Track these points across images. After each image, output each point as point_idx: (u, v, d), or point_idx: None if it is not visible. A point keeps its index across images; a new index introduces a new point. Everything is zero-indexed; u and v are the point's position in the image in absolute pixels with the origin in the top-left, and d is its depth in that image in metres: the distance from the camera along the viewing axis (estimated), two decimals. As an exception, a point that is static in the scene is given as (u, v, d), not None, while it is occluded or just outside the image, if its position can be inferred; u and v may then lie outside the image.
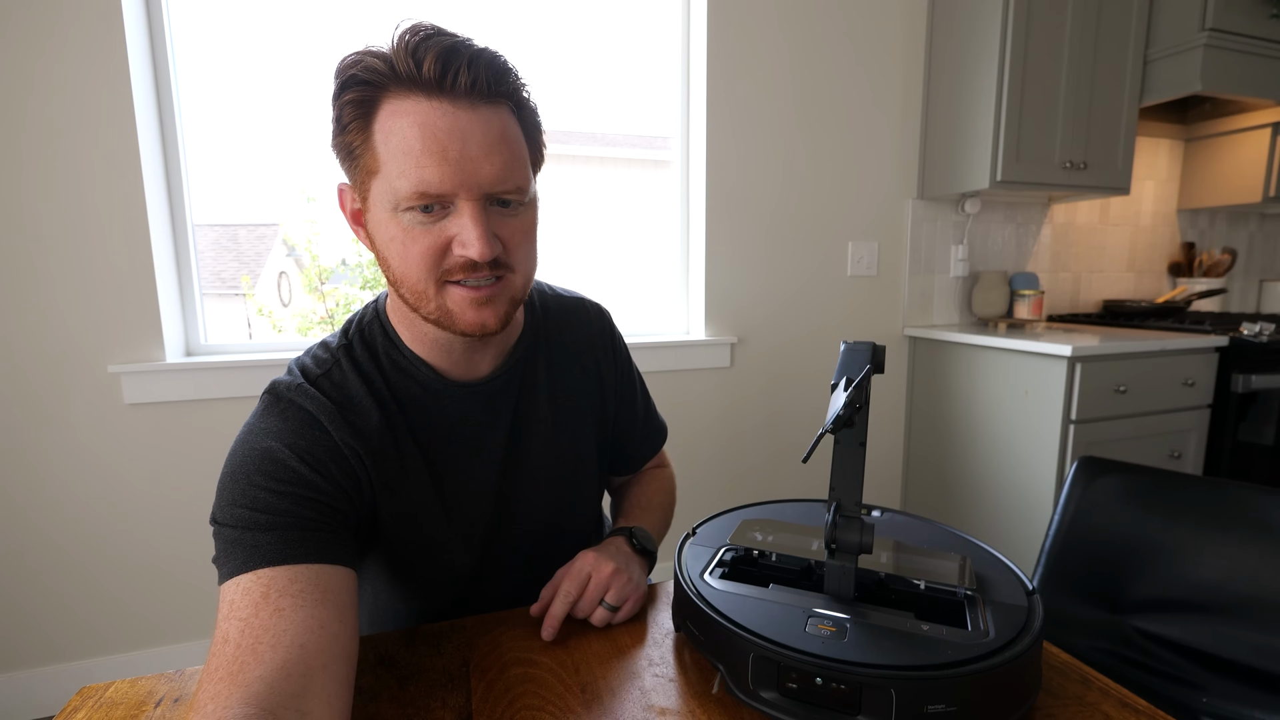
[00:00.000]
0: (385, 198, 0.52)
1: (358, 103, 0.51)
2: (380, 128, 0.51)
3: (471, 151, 0.50)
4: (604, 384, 0.75)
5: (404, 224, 0.52)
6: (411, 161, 0.50)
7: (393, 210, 0.52)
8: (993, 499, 1.81)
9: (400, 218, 0.52)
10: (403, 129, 0.50)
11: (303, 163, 2.22)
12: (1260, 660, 0.74)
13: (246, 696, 0.40)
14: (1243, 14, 1.79)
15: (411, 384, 0.61)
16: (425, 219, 0.52)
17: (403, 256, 0.53)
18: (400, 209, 0.52)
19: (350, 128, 0.52)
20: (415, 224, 0.52)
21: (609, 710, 0.49)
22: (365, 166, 0.52)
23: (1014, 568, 0.56)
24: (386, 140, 0.51)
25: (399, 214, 0.52)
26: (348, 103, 0.51)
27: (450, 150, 0.50)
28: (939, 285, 2.10)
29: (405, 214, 0.52)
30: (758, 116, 1.82)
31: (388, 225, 0.53)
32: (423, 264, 0.53)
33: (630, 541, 0.69)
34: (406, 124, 0.50)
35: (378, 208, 0.53)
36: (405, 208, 0.51)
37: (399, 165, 0.50)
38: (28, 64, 1.29)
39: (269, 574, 0.46)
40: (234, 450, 0.52)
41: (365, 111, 0.51)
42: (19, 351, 1.35)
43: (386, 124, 0.51)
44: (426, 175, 0.50)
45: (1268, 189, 2.16)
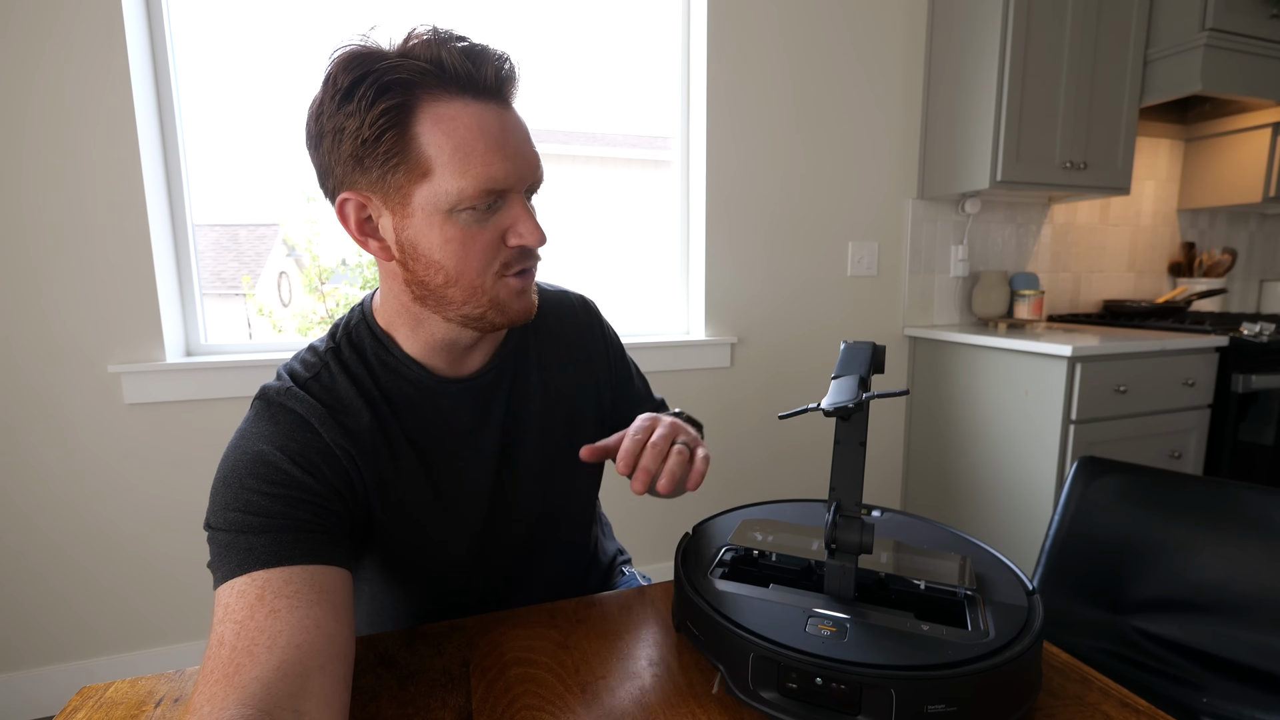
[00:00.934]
0: (438, 200, 0.52)
1: (395, 109, 0.50)
2: (425, 131, 0.51)
3: (520, 147, 0.55)
4: (596, 372, 0.75)
5: (462, 224, 0.53)
6: (476, 160, 0.52)
7: (447, 212, 0.53)
8: (993, 499, 1.81)
9: (456, 218, 0.53)
10: (459, 130, 0.51)
11: (303, 163, 2.23)
12: (1260, 660, 0.74)
13: (243, 698, 0.40)
14: (1243, 14, 1.79)
15: (402, 383, 0.61)
16: (483, 216, 0.54)
17: (461, 256, 0.54)
18: (459, 209, 0.53)
19: (386, 136, 0.50)
20: (472, 222, 0.54)
21: (609, 710, 0.49)
22: (408, 173, 0.52)
23: (1014, 568, 0.56)
24: (439, 143, 0.51)
25: (456, 214, 0.53)
26: (386, 110, 0.50)
27: (508, 146, 0.53)
28: (939, 285, 2.10)
29: (463, 214, 0.53)
30: (758, 116, 1.82)
31: (442, 228, 0.53)
32: (482, 259, 0.55)
33: (677, 414, 0.71)
34: (462, 125, 0.51)
35: (424, 212, 0.53)
36: (465, 206, 0.53)
37: (460, 165, 0.51)
38: (28, 64, 1.29)
39: (264, 576, 0.46)
40: (226, 456, 0.53)
41: (401, 117, 0.50)
42: (19, 351, 1.35)
43: (436, 127, 0.51)
44: (494, 171, 0.52)
45: (1268, 189, 2.16)
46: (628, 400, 0.79)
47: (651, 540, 1.87)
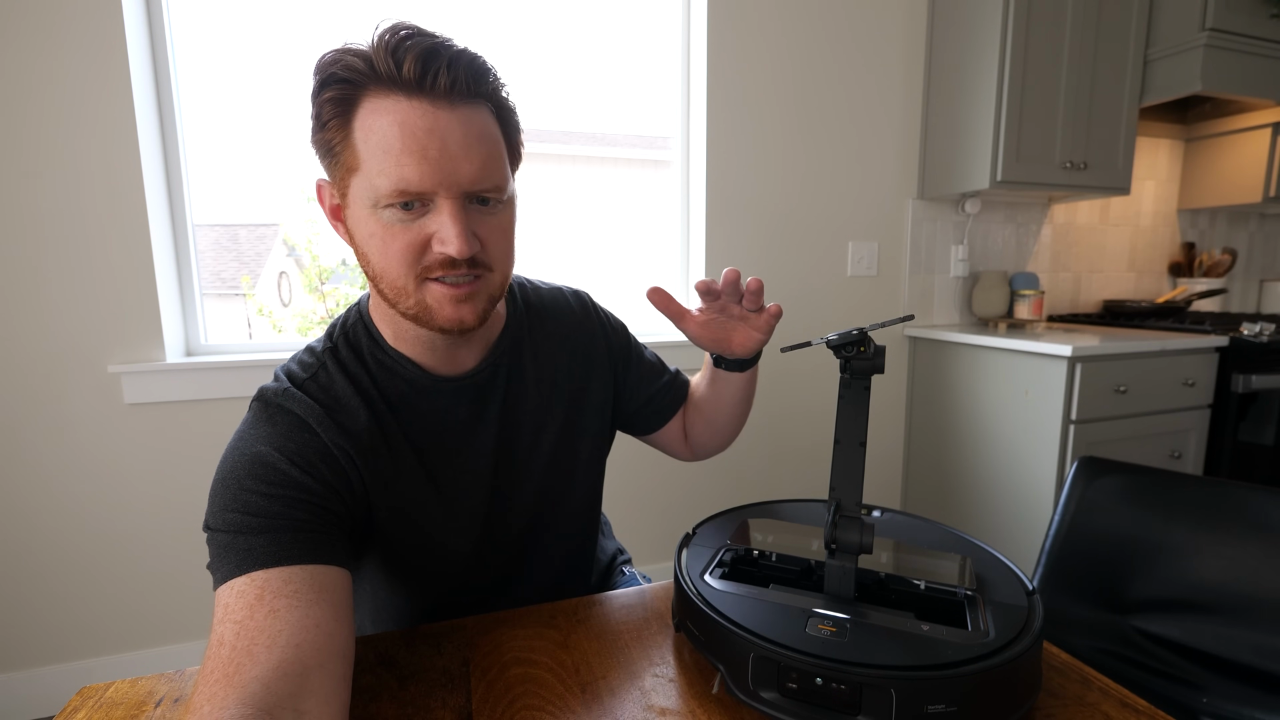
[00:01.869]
0: (365, 195, 0.52)
1: (337, 100, 0.51)
2: (360, 125, 0.51)
3: (451, 150, 0.51)
4: (596, 364, 0.75)
5: (384, 221, 0.53)
6: (391, 160, 0.50)
7: (372, 207, 0.52)
8: (993, 499, 1.81)
9: (380, 214, 0.52)
10: (383, 127, 0.50)
11: (303, 163, 2.22)
12: (1260, 660, 0.74)
13: (243, 697, 0.40)
14: (1243, 14, 1.79)
15: (398, 382, 0.61)
16: (405, 216, 0.52)
17: (382, 253, 0.54)
18: (380, 206, 0.52)
19: (329, 125, 0.52)
20: (395, 221, 0.52)
21: (609, 710, 0.49)
22: (345, 164, 0.53)
23: (1014, 568, 0.56)
24: (366, 138, 0.51)
25: (379, 211, 0.52)
26: (327, 100, 0.51)
27: (430, 149, 0.50)
28: (939, 285, 2.10)
29: (385, 211, 0.52)
30: (758, 116, 1.82)
31: (367, 222, 0.53)
32: (402, 260, 0.53)
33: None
34: (386, 123, 0.50)
35: (357, 204, 0.54)
36: (385, 205, 0.52)
37: (379, 163, 0.51)
38: (28, 64, 1.29)
39: (263, 576, 0.46)
40: (225, 457, 0.53)
41: (345, 109, 0.51)
42: (19, 351, 1.35)
43: (366, 122, 0.51)
44: (406, 173, 0.50)
45: (1268, 189, 2.16)
46: (640, 376, 0.79)
47: (651, 540, 1.87)
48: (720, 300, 0.66)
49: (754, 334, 0.69)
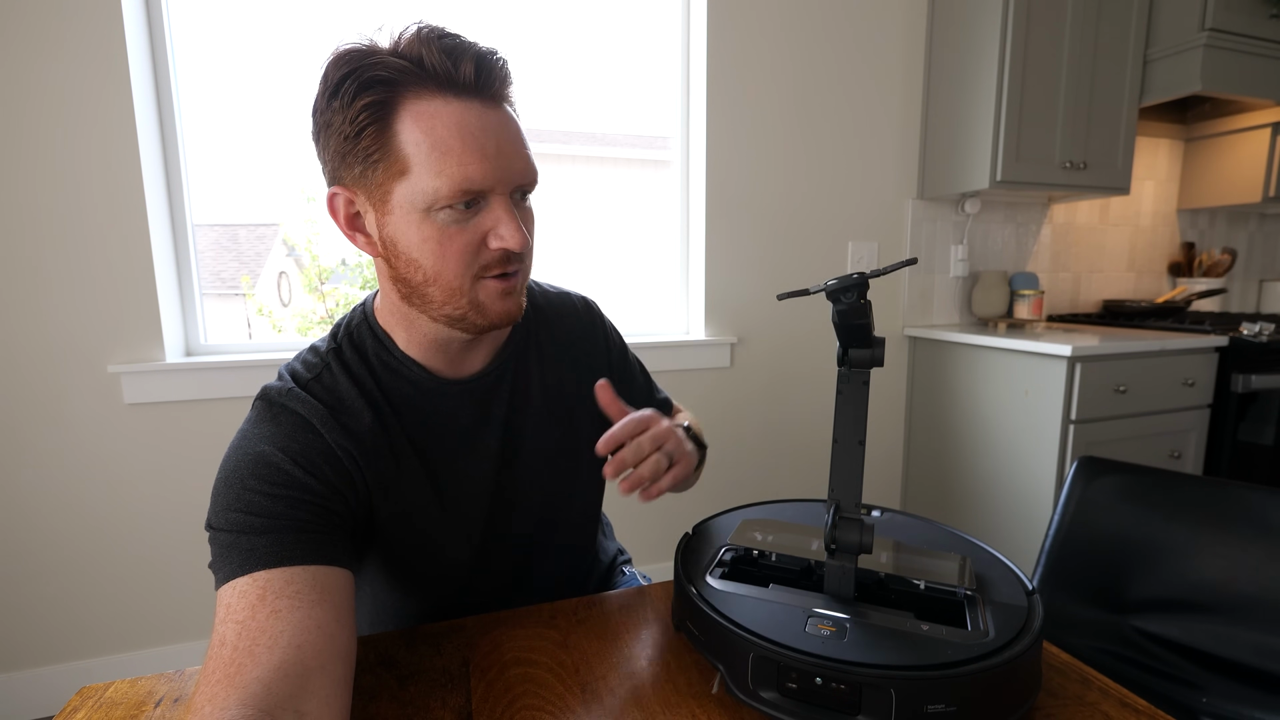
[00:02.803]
0: (415, 199, 0.52)
1: (375, 105, 0.50)
2: (405, 129, 0.51)
3: (504, 148, 0.53)
4: (597, 373, 0.75)
5: (439, 223, 0.53)
6: (453, 160, 0.51)
7: (425, 211, 0.52)
8: (993, 499, 1.81)
9: (435, 218, 0.52)
10: (437, 129, 0.50)
11: (303, 163, 2.22)
12: (1260, 660, 0.74)
13: (243, 698, 0.40)
14: (1243, 14, 1.79)
15: (403, 384, 0.61)
16: (462, 216, 0.53)
17: (439, 255, 0.54)
18: (436, 209, 0.52)
19: (367, 132, 0.51)
20: (451, 222, 0.53)
21: (609, 710, 0.49)
22: (385, 170, 0.52)
23: (1014, 568, 0.56)
24: (419, 141, 0.51)
25: (433, 214, 0.52)
26: (366, 106, 0.50)
27: (488, 147, 0.52)
28: (939, 285, 2.10)
29: (441, 213, 0.52)
30: (758, 116, 1.82)
31: (419, 227, 0.53)
32: (461, 260, 0.54)
33: (681, 429, 0.68)
34: (441, 124, 0.50)
35: (403, 210, 0.53)
36: (442, 206, 0.52)
37: (437, 164, 0.51)
38: (28, 64, 1.29)
39: (265, 576, 0.46)
40: (228, 456, 0.53)
41: (382, 114, 0.51)
42: (19, 351, 1.35)
43: (415, 125, 0.50)
44: (470, 172, 0.51)
45: (1268, 189, 2.16)
46: (630, 398, 0.79)
47: (651, 540, 1.87)
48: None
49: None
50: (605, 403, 0.63)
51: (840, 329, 0.50)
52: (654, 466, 0.57)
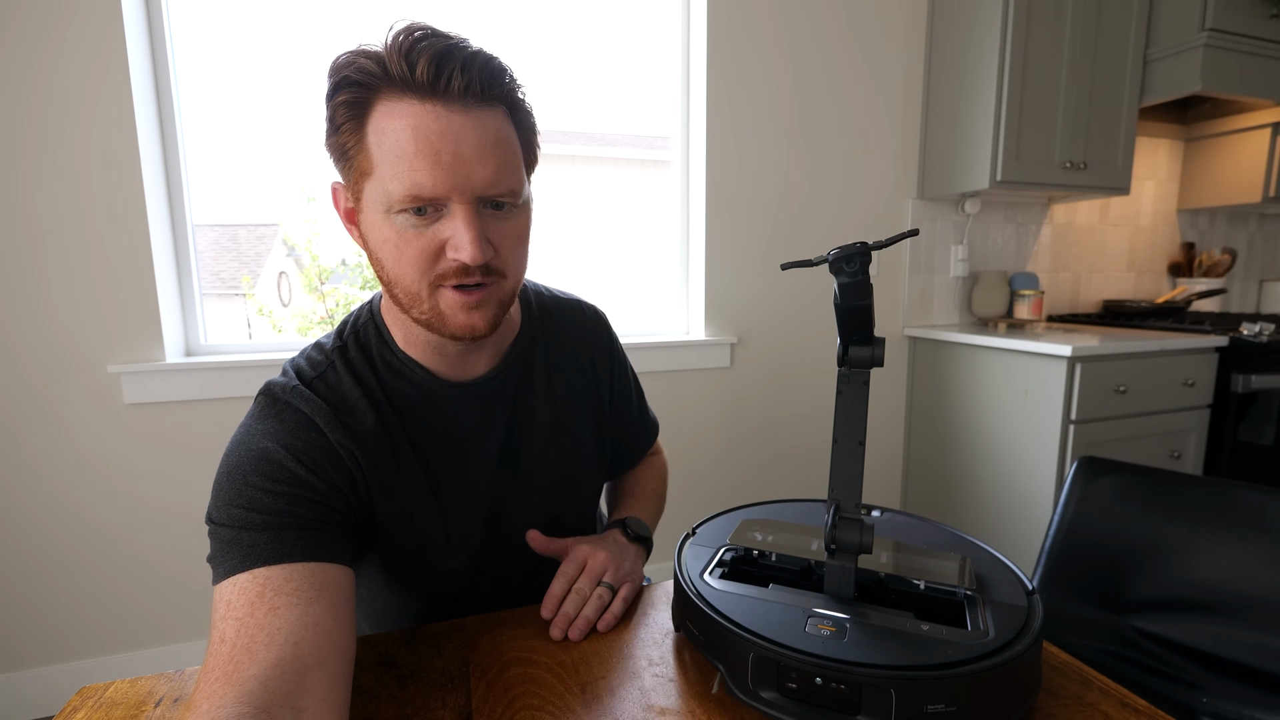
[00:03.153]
0: (378, 199, 0.52)
1: (351, 103, 0.51)
2: (373, 129, 0.51)
3: (465, 154, 0.50)
4: (599, 385, 0.75)
5: (397, 226, 0.52)
6: (405, 164, 0.49)
7: (386, 212, 0.52)
8: (993, 499, 1.81)
9: (393, 220, 0.52)
10: (396, 131, 0.50)
11: (303, 163, 2.22)
12: (1260, 660, 0.74)
13: (241, 695, 0.40)
14: (1243, 14, 1.79)
15: (406, 385, 0.61)
16: (418, 221, 0.52)
17: (396, 259, 0.53)
18: (393, 211, 0.51)
19: (343, 128, 0.52)
20: (408, 226, 0.52)
21: (609, 710, 0.49)
22: (358, 168, 0.52)
23: (1014, 568, 0.56)
24: (380, 142, 0.50)
25: (392, 216, 0.52)
26: (341, 103, 0.51)
27: (443, 153, 0.50)
28: (939, 285, 2.10)
29: (398, 216, 0.52)
30: (758, 116, 1.82)
31: (381, 227, 0.53)
32: (416, 266, 0.53)
33: (625, 532, 0.70)
34: (399, 126, 0.50)
35: (370, 209, 0.53)
36: (398, 210, 0.51)
37: (392, 168, 0.50)
38: (27, 64, 1.29)
39: (264, 573, 0.46)
40: (230, 451, 0.53)
41: (358, 112, 0.51)
42: (19, 351, 1.35)
43: (380, 125, 0.50)
44: (419, 178, 0.49)
45: (1268, 189, 2.16)
46: (620, 419, 0.79)
47: (651, 540, 1.86)
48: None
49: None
50: (540, 549, 0.66)
51: (841, 310, 0.48)
52: (596, 605, 0.60)
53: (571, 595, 0.60)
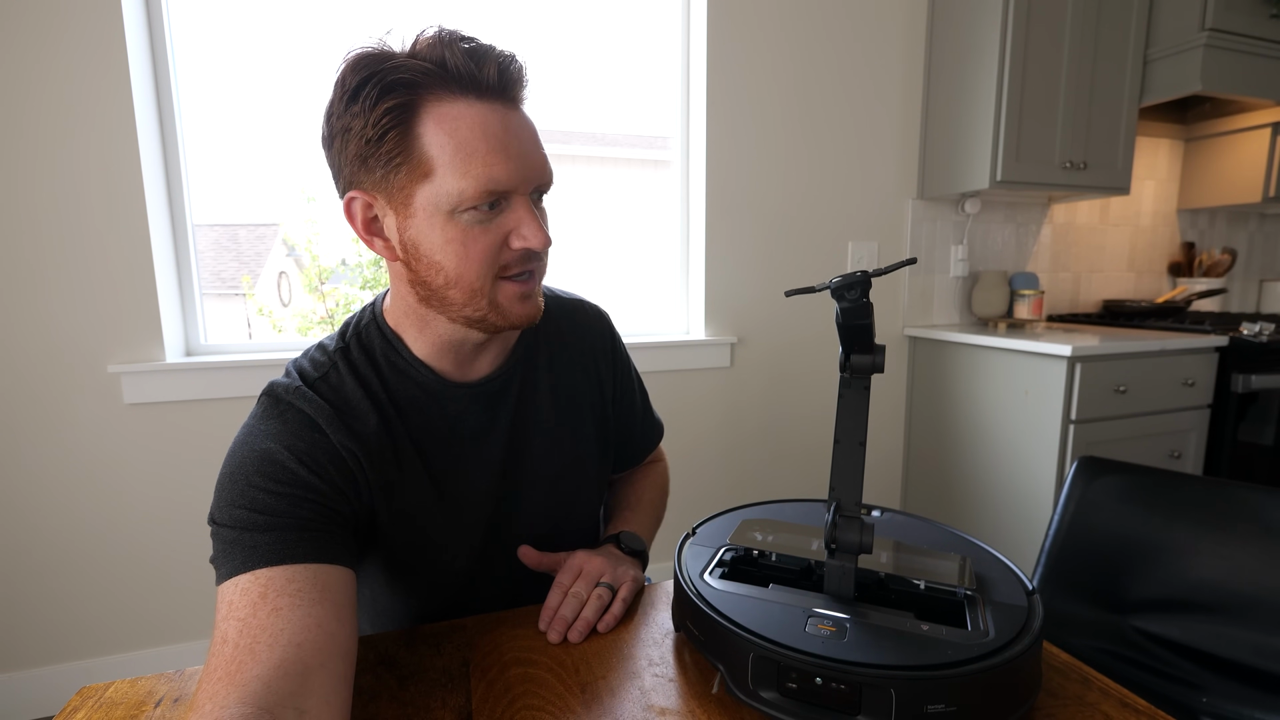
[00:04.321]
0: (440, 201, 0.52)
1: (398, 108, 0.50)
2: (428, 131, 0.51)
3: (525, 148, 0.54)
4: (603, 385, 0.75)
5: (463, 224, 0.53)
6: (478, 160, 0.51)
7: (449, 213, 0.52)
8: (993, 499, 1.81)
9: (459, 219, 0.53)
10: (460, 130, 0.51)
11: (303, 163, 2.22)
12: (1260, 660, 0.74)
13: (244, 696, 0.40)
14: (1243, 14, 1.79)
15: (410, 386, 0.61)
16: (486, 217, 0.53)
17: (463, 257, 0.54)
18: (460, 210, 0.52)
19: (389, 135, 0.51)
20: (475, 223, 0.53)
21: (609, 710, 0.49)
22: (408, 173, 0.52)
23: (1014, 568, 0.56)
24: (442, 143, 0.51)
25: (457, 215, 0.53)
26: (390, 109, 0.50)
27: (511, 147, 0.53)
28: (939, 285, 2.10)
29: (465, 214, 0.53)
30: (758, 116, 1.82)
31: (443, 229, 0.53)
32: (483, 261, 0.54)
33: (619, 546, 0.70)
34: (465, 126, 0.51)
35: (426, 212, 0.53)
36: (467, 208, 0.52)
37: (461, 166, 0.51)
38: (27, 64, 1.29)
39: (267, 574, 0.46)
40: (232, 451, 0.53)
41: (404, 117, 0.51)
42: (19, 352, 1.35)
43: (438, 127, 0.51)
44: (495, 173, 0.52)
45: (1268, 189, 2.16)
46: (624, 419, 0.79)
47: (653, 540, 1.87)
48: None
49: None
50: (532, 564, 0.66)
51: (843, 329, 0.50)
52: (596, 606, 0.60)
53: (568, 599, 0.60)
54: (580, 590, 0.61)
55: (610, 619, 0.60)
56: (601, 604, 0.61)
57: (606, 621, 0.60)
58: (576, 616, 0.59)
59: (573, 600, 0.60)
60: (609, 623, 0.60)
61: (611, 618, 0.60)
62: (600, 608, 0.60)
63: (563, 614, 0.59)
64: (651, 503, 0.83)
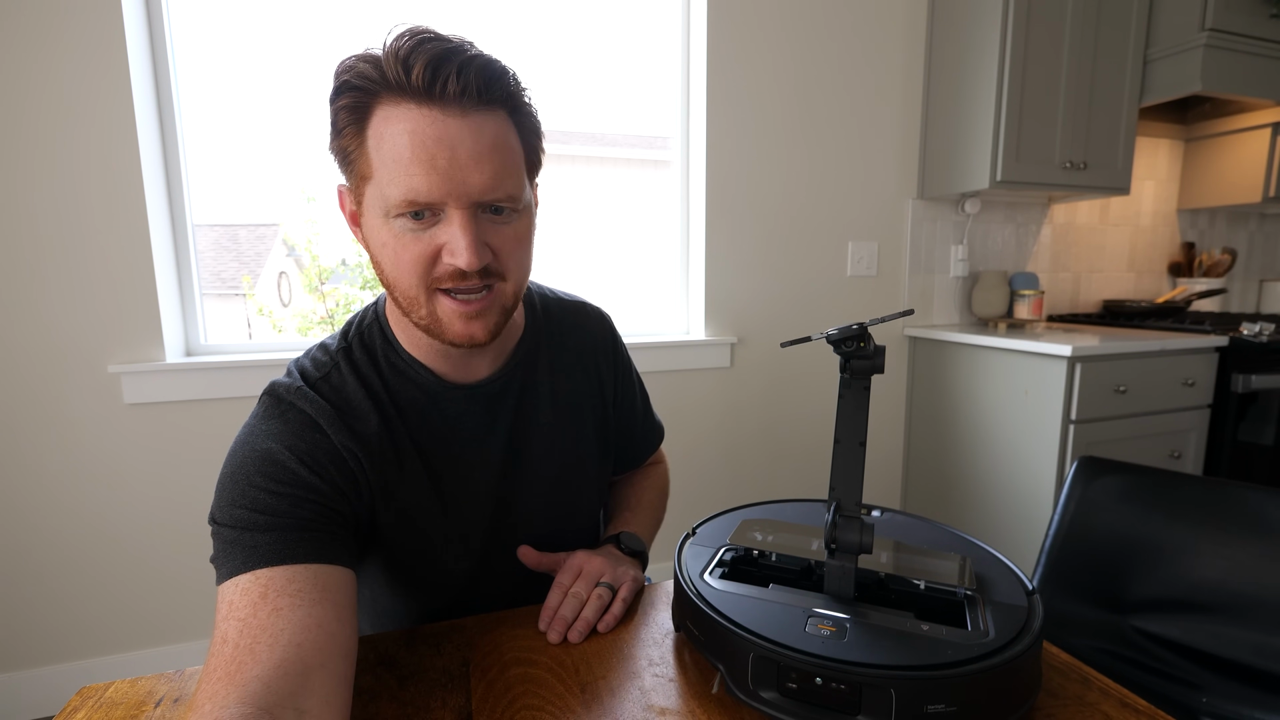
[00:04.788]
0: (377, 203, 0.52)
1: (352, 108, 0.51)
2: (373, 133, 0.51)
3: (461, 160, 0.50)
4: (604, 386, 0.75)
5: (395, 230, 0.52)
6: (401, 169, 0.50)
7: (384, 216, 0.52)
8: (993, 499, 1.81)
9: (392, 224, 0.52)
10: (393, 136, 0.50)
11: (303, 163, 2.22)
12: (1260, 660, 0.74)
13: (244, 696, 0.40)
14: (1243, 14, 1.79)
15: (410, 387, 0.61)
16: (415, 226, 0.52)
17: (394, 263, 0.54)
18: (391, 215, 0.52)
19: (345, 132, 0.52)
20: (406, 231, 0.52)
21: (609, 710, 0.49)
22: (359, 171, 0.53)
23: (1014, 568, 0.56)
24: (379, 147, 0.51)
25: (390, 220, 0.52)
26: (342, 108, 0.52)
27: (439, 159, 0.50)
28: (939, 285, 2.10)
29: (396, 220, 0.52)
30: (758, 116, 1.82)
31: (380, 230, 0.53)
32: (413, 271, 0.53)
33: (619, 546, 0.70)
34: (397, 131, 0.50)
35: (371, 213, 0.54)
36: (396, 214, 0.52)
37: (389, 172, 0.50)
38: (27, 64, 1.29)
39: (267, 574, 0.46)
40: (233, 451, 0.53)
41: (359, 116, 0.51)
42: (19, 352, 1.35)
43: (378, 130, 0.51)
44: (415, 184, 0.50)
45: (1268, 189, 2.16)
46: (624, 421, 0.79)
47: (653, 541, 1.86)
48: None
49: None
50: (532, 564, 0.66)
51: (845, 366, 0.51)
52: (596, 606, 0.60)
53: (568, 599, 0.60)
54: (580, 590, 0.61)
55: (610, 619, 0.60)
56: (601, 604, 0.60)
57: (606, 621, 0.60)
58: (576, 616, 0.59)
59: (573, 600, 0.60)
60: (609, 623, 0.60)
61: (611, 618, 0.60)
62: (600, 608, 0.60)
63: (563, 614, 0.59)
64: (651, 504, 0.83)
